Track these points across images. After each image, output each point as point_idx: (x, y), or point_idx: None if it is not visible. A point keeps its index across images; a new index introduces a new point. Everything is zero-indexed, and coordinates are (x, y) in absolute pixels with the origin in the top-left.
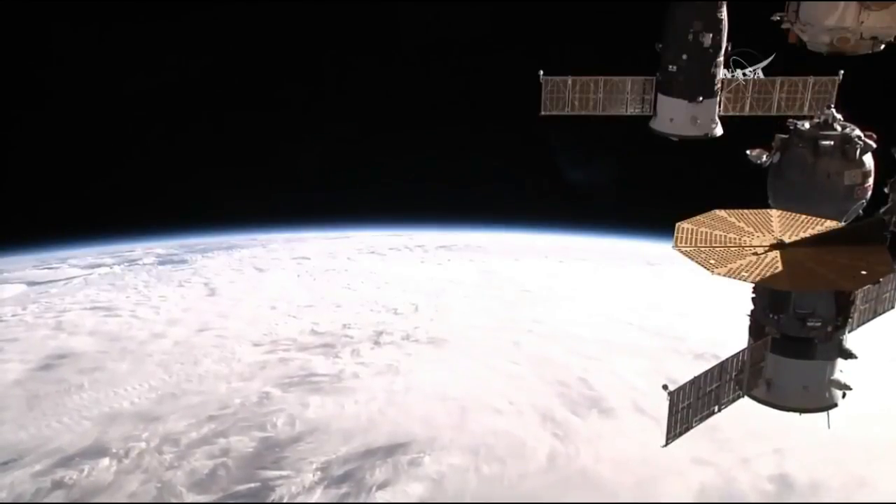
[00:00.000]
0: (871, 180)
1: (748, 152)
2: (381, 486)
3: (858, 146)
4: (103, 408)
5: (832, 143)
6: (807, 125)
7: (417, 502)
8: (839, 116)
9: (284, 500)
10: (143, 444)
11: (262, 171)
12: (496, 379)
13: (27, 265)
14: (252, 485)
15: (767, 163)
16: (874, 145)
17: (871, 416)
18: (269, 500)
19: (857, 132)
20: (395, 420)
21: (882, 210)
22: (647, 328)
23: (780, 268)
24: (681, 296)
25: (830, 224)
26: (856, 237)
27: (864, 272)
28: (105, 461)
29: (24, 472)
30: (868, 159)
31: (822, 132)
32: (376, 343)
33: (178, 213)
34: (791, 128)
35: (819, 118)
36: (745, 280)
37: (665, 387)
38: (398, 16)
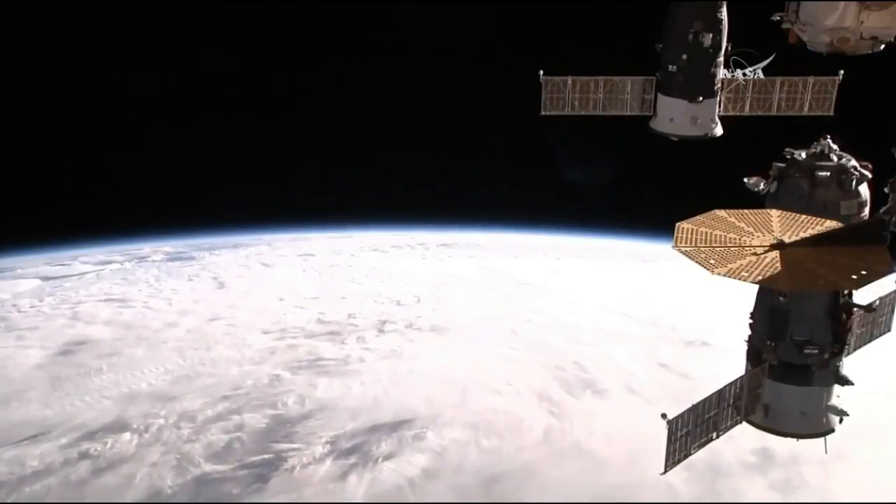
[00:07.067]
0: (867, 210)
1: (745, 180)
2: (387, 458)
3: (854, 177)
4: (122, 388)
5: (828, 173)
6: (803, 155)
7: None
8: (835, 147)
9: (297, 470)
10: (161, 421)
11: (264, 172)
12: (495, 363)
13: (39, 263)
14: (265, 456)
15: (765, 191)
16: (869, 175)
17: (847, 396)
18: (282, 469)
19: (853, 162)
20: (399, 399)
21: (882, 210)
22: (641, 318)
23: (779, 268)
24: (674, 290)
25: (830, 224)
26: (856, 237)
27: (864, 272)
28: (126, 435)
29: (52, 444)
30: (864, 189)
31: (818, 162)
32: (380, 331)
33: (183, 214)
34: (788, 157)
35: (815, 148)
36: (745, 280)
37: (664, 415)
38: (399, 16)
